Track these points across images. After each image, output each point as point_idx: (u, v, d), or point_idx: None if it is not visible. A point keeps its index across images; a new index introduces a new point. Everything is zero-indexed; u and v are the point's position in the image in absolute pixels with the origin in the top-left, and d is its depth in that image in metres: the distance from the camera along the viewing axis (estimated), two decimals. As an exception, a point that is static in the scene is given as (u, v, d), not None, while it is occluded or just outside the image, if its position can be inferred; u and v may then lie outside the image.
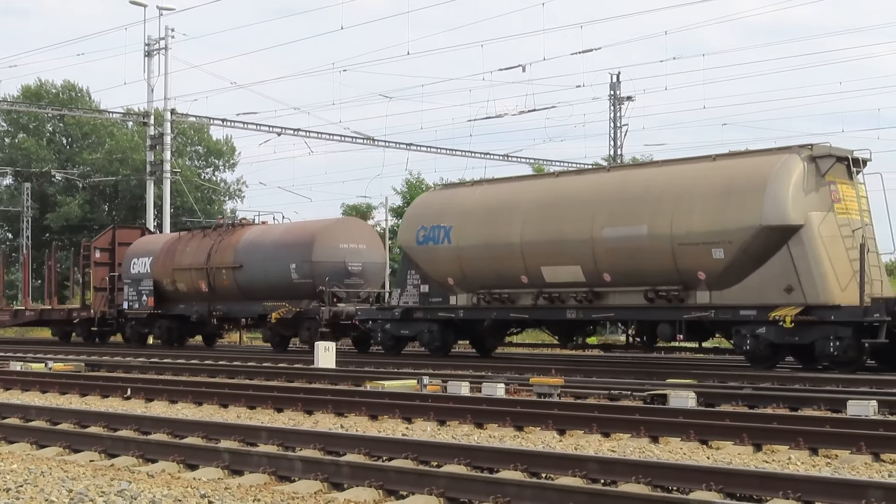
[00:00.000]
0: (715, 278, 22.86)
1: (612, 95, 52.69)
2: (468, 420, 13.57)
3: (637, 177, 25.45)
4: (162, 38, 48.67)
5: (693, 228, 23.00)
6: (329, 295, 31.03)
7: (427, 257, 28.23)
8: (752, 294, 22.43)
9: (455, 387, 17.22)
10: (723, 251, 22.52)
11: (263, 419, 14.72)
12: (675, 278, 23.47)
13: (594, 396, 16.55)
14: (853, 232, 22.05)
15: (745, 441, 11.33)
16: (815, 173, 22.21)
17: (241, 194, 79.28)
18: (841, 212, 22.26)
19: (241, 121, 49.74)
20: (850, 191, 22.58)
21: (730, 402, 15.70)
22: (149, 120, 50.03)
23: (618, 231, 24.27)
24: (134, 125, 70.87)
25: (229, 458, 10.16)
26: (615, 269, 24.42)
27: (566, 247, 25.16)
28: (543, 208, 25.98)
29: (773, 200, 21.94)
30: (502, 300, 26.81)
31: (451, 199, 28.69)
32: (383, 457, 10.38)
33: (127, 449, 11.03)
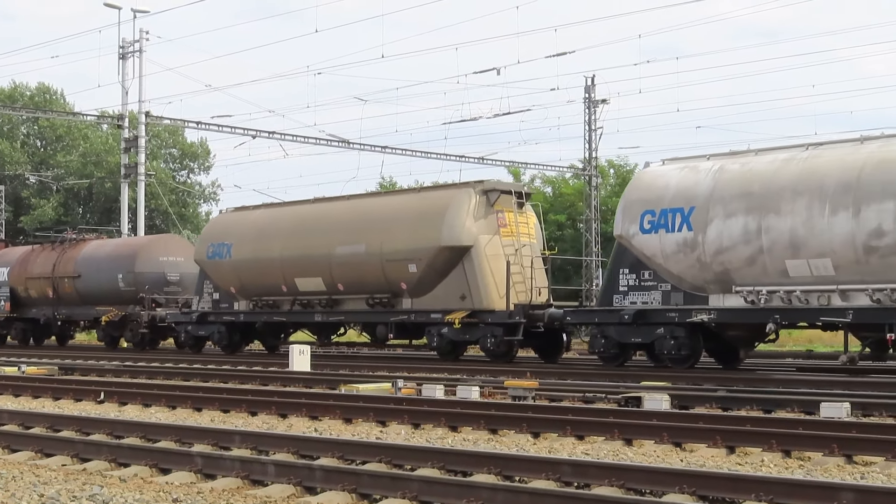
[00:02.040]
0: (413, 288, 27.76)
1: (587, 98, 52.82)
2: (442, 423, 13.56)
3: (362, 204, 30.39)
4: (136, 41, 48.49)
5: (396, 247, 27.78)
6: (148, 301, 35.82)
7: (215, 270, 32.79)
8: (439, 301, 27.33)
9: (430, 390, 17.21)
10: (416, 266, 27.39)
11: (237, 423, 14.68)
12: (385, 288, 28.38)
13: (569, 399, 16.57)
14: (516, 251, 26.80)
15: (718, 443, 11.36)
16: (486, 203, 27.12)
17: (215, 197, 79.18)
18: (506, 234, 27.05)
19: (215, 123, 49.60)
20: (519, 217, 27.49)
21: (704, 405, 15.74)
22: (123, 122, 49.84)
23: (346, 249, 28.99)
24: (108, 128, 70.64)
25: (202, 461, 10.12)
26: (346, 280, 29.18)
27: (312, 262, 29.82)
28: (297, 230, 30.71)
29: (450, 226, 26.85)
30: (270, 306, 31.70)
31: (234, 221, 33.57)
32: (357, 460, 10.36)
33: (99, 453, 10.97)
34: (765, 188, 21.79)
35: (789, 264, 21.37)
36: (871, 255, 20.30)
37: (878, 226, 20.18)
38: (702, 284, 22.82)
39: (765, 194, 21.73)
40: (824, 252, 20.86)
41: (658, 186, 23.64)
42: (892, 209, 20.05)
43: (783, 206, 21.41)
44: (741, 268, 22.06)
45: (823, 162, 21.44)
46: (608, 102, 52.92)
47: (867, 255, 20.34)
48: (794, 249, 21.28)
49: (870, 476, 9.79)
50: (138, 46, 48.43)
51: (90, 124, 71.85)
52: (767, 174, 21.99)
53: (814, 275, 21.12)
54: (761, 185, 21.88)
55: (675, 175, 23.58)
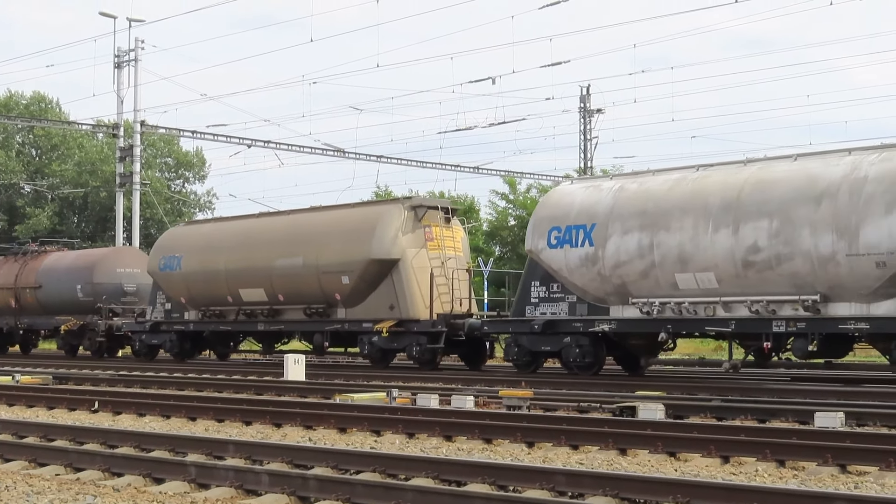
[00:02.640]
0: (346, 298, 29.22)
1: (582, 108, 52.94)
2: (437, 433, 13.55)
3: (300, 219, 31.92)
4: (132, 50, 48.55)
5: (330, 260, 29.20)
6: (105, 311, 37.42)
7: (167, 281, 34.30)
8: (370, 311, 28.84)
9: (425, 399, 17.20)
10: (348, 278, 28.87)
11: (232, 432, 14.66)
12: (321, 298, 29.79)
13: (563, 409, 16.55)
14: (442, 263, 28.34)
15: (712, 453, 11.35)
16: (414, 219, 28.70)
17: (211, 206, 79.05)
18: (433, 248, 28.54)
19: (211, 132, 49.65)
20: (445, 231, 29.07)
21: (698, 414, 15.74)
22: (118, 132, 49.86)
23: (285, 261, 30.45)
24: (104, 137, 70.56)
25: (196, 471, 10.11)
26: (286, 291, 30.65)
27: (254, 273, 31.36)
28: (241, 243, 32.25)
29: (380, 240, 28.42)
30: (217, 315, 33.12)
31: (184, 235, 35.60)
32: (351, 470, 10.35)
33: (93, 463, 10.96)
34: (658, 207, 23.25)
35: (678, 277, 22.77)
36: (749, 270, 21.69)
37: (754, 242, 21.57)
38: (603, 296, 24.22)
39: (657, 212, 23.17)
40: (708, 266, 22.28)
41: (565, 204, 25.19)
42: (766, 227, 21.42)
43: (673, 224, 22.83)
44: (636, 281, 23.44)
45: (709, 182, 22.91)
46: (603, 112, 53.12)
47: (745, 270, 21.73)
48: (682, 264, 22.66)
49: (863, 486, 9.79)
50: (134, 55, 48.48)
51: (85, 133, 71.83)
52: (660, 193, 23.47)
53: (700, 287, 22.52)
54: (655, 203, 23.33)
55: (580, 194, 25.15)
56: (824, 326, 20.95)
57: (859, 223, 20.33)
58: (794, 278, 21.19)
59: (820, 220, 20.80)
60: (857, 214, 20.38)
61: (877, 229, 20.12)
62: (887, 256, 19.93)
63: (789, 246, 21.15)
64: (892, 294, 20.15)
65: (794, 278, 21.18)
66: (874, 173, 20.54)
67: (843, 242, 20.48)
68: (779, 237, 21.28)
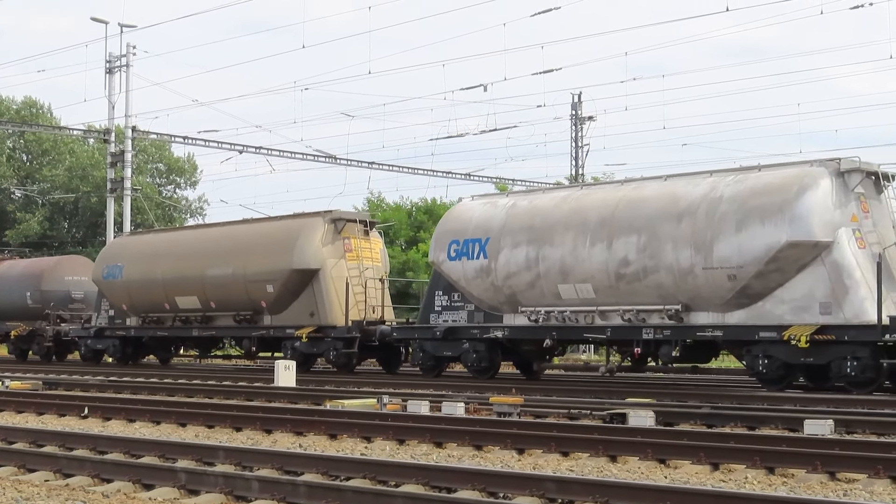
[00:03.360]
0: (271, 306, 31.20)
1: (574, 115, 52.98)
2: (427, 439, 13.55)
3: (230, 231, 34.07)
4: (123, 56, 48.48)
5: (256, 269, 31.15)
6: (53, 317, 39.24)
7: (110, 288, 36.16)
8: (293, 317, 30.67)
9: (415, 406, 17.20)
10: (273, 286, 30.74)
11: (222, 438, 14.64)
12: (249, 306, 31.80)
13: (554, 415, 16.57)
14: (360, 273, 30.29)
15: (702, 460, 11.37)
16: (334, 231, 30.61)
17: (202, 212, 78.94)
18: (351, 259, 30.47)
19: (202, 138, 49.59)
20: (363, 243, 30.96)
21: (688, 422, 15.76)
22: (110, 137, 49.77)
23: (216, 271, 32.37)
24: (95, 142, 70.44)
25: (185, 477, 10.09)
26: (217, 298, 32.57)
27: (189, 282, 33.19)
28: (177, 253, 34.20)
29: (301, 251, 30.31)
30: (155, 322, 34.93)
31: (126, 244, 37.62)
32: (341, 476, 10.34)
33: (82, 468, 10.94)
34: (544, 222, 25.22)
35: (561, 288, 24.68)
36: (621, 281, 23.62)
37: (625, 256, 23.52)
38: (496, 305, 26.17)
39: (543, 227, 25.12)
40: (586, 278, 24.21)
41: (464, 219, 27.24)
42: (635, 242, 23.36)
43: (556, 238, 24.76)
44: (525, 291, 25.36)
45: (589, 201, 24.96)
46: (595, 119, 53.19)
47: (618, 281, 23.67)
48: (563, 275, 24.57)
49: (852, 493, 9.82)
50: (125, 61, 48.42)
51: (76, 138, 71.69)
52: (547, 210, 25.50)
53: (580, 297, 24.43)
54: (541, 219, 25.33)
55: (478, 210, 27.17)
56: (686, 333, 22.91)
57: (714, 239, 22.22)
58: (659, 289, 23.06)
59: (681, 236, 22.67)
60: (712, 231, 22.25)
61: (728, 245, 22.00)
62: (737, 270, 21.85)
63: (655, 259, 23.02)
64: (743, 304, 22.08)
65: (660, 289, 23.05)
66: (728, 194, 22.40)
67: (700, 257, 22.40)
68: (646, 251, 23.15)
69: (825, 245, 21.23)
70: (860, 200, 21.84)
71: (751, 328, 21.97)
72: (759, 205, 21.86)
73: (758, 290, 21.93)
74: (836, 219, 21.43)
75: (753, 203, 21.96)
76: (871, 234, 21.71)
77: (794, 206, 21.38)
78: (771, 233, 21.53)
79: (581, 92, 53.07)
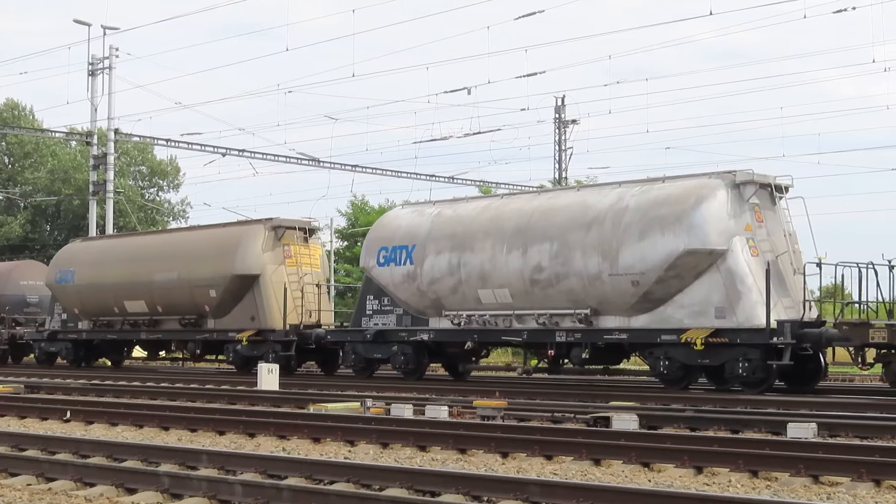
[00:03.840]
0: (214, 310, 32.25)
1: (557, 119, 53.01)
2: (411, 443, 13.53)
3: (175, 237, 35.74)
4: (106, 58, 48.33)
5: (200, 275, 32.21)
6: (8, 321, 40.25)
7: (62, 293, 37.35)
8: (235, 321, 31.88)
9: (399, 409, 17.18)
10: (216, 291, 31.85)
11: (205, 442, 14.60)
12: (193, 310, 32.88)
13: (537, 419, 16.57)
14: (299, 278, 31.12)
15: (686, 463, 11.38)
16: (274, 238, 31.75)
17: (185, 215, 78.73)
18: (291, 265, 31.53)
19: (185, 141, 49.44)
20: (303, 249, 32.05)
21: (672, 425, 15.78)
22: (92, 139, 49.59)
23: (163, 276, 33.50)
24: (77, 145, 70.23)
25: (169, 481, 10.06)
26: (163, 303, 33.67)
27: (137, 287, 34.32)
28: (126, 258, 35.34)
29: (242, 257, 31.55)
30: (105, 325, 36.10)
31: (78, 250, 38.32)
32: (325, 480, 10.32)
33: (65, 472, 10.88)
34: (466, 230, 26.50)
35: (481, 293, 25.94)
36: (535, 287, 24.85)
37: (538, 262, 24.73)
38: (422, 309, 27.35)
39: (465, 235, 26.40)
40: (504, 283, 25.46)
41: (392, 227, 28.54)
42: (548, 249, 24.56)
43: (476, 245, 26.00)
44: (448, 296, 26.60)
45: (507, 210, 26.23)
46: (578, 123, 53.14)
47: (532, 287, 24.89)
48: (483, 281, 25.83)
49: (836, 496, 9.83)
50: (108, 63, 48.28)
51: (59, 141, 71.42)
52: (469, 219, 26.80)
53: (498, 302, 25.66)
54: (464, 227, 26.60)
55: (406, 218, 28.50)
56: (595, 337, 24.10)
57: (619, 247, 23.42)
58: (570, 294, 24.30)
59: (589, 244, 23.91)
60: (617, 239, 23.47)
61: (632, 253, 23.20)
62: (640, 276, 23.07)
63: (566, 266, 24.26)
64: (646, 309, 23.31)
65: (571, 294, 24.30)
66: (633, 204, 23.63)
67: (606, 263, 23.62)
68: (558, 258, 24.40)
69: (720, 253, 22.40)
70: (755, 210, 23.02)
71: (653, 331, 23.17)
72: (660, 214, 23.03)
73: (659, 296, 23.12)
74: (731, 228, 22.58)
75: (655, 213, 23.13)
76: (764, 242, 22.87)
77: (692, 216, 22.55)
78: (670, 241, 22.70)
79: (565, 95, 53.12)
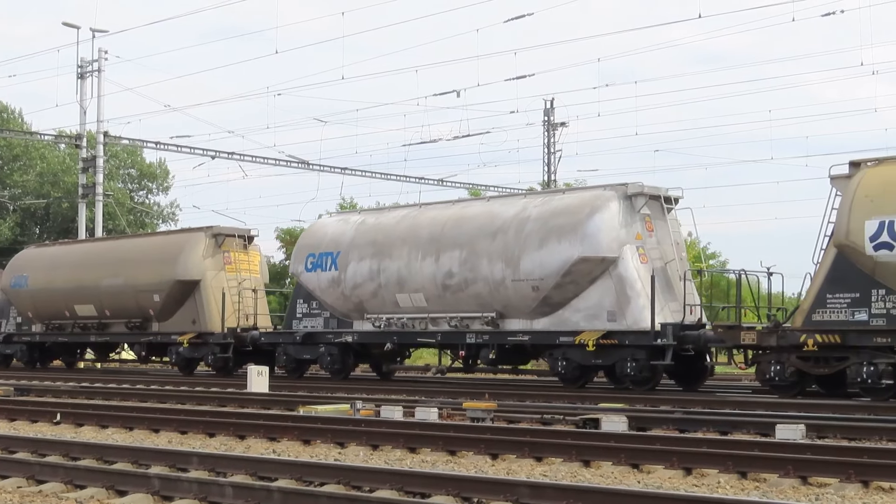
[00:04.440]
0: (158, 314, 33.75)
1: (546, 121, 53.04)
2: (401, 445, 13.56)
3: (122, 244, 37.58)
4: (95, 61, 48.22)
5: (145, 280, 33.74)
6: None
7: (17, 297, 38.65)
8: (178, 324, 33.34)
9: (389, 411, 17.20)
10: (159, 296, 33.31)
11: (195, 444, 14.61)
12: (138, 313, 34.37)
13: (527, 420, 16.60)
14: (238, 284, 32.67)
15: (675, 465, 11.42)
16: (214, 245, 33.22)
17: (174, 217, 78.60)
18: (230, 270, 33.22)
19: (174, 144, 49.39)
20: (242, 255, 33.67)
21: (661, 427, 15.82)
22: (81, 142, 49.51)
23: (110, 281, 34.79)
24: (66, 147, 70.09)
25: (159, 483, 10.08)
26: (111, 307, 34.97)
27: (86, 291, 35.67)
28: (76, 264, 36.68)
29: (184, 263, 32.94)
30: (57, 328, 37.36)
31: (32, 256, 39.95)
32: (315, 482, 10.34)
33: (55, 475, 10.89)
34: (385, 238, 28.09)
35: (398, 297, 27.50)
36: (447, 291, 26.46)
37: (449, 268, 26.36)
38: (347, 312, 28.93)
39: (385, 242, 28.00)
40: (419, 288, 27.05)
41: (319, 235, 30.17)
42: (458, 256, 26.16)
43: (395, 252, 27.60)
44: (369, 299, 28.20)
45: (424, 218, 27.81)
46: (567, 125, 53.14)
47: (444, 291, 26.50)
48: (400, 285, 27.40)
49: (824, 497, 9.88)
50: (97, 66, 48.16)
51: (48, 144, 71.28)
52: (388, 227, 28.41)
53: (414, 305, 27.24)
54: (384, 235, 28.20)
55: (332, 226, 30.20)
56: (501, 338, 25.67)
57: (521, 254, 24.95)
58: (478, 298, 25.89)
59: (494, 252, 25.47)
60: (519, 247, 25.01)
61: (532, 260, 24.71)
62: (539, 282, 24.61)
63: (474, 272, 25.88)
64: (546, 312, 24.83)
65: (478, 298, 25.88)
66: (535, 214, 25.21)
67: (510, 270, 25.15)
68: (466, 265, 26.01)
69: (612, 260, 23.90)
70: (645, 221, 24.49)
71: (552, 333, 24.72)
72: (558, 224, 24.58)
73: (557, 300, 24.63)
74: (622, 237, 24.05)
75: (554, 223, 24.70)
76: (654, 250, 24.33)
77: (586, 226, 24.05)
78: (566, 249, 24.20)
79: (554, 98, 53.12)
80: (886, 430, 14.55)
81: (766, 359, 21.65)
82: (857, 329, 20.42)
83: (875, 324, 20.25)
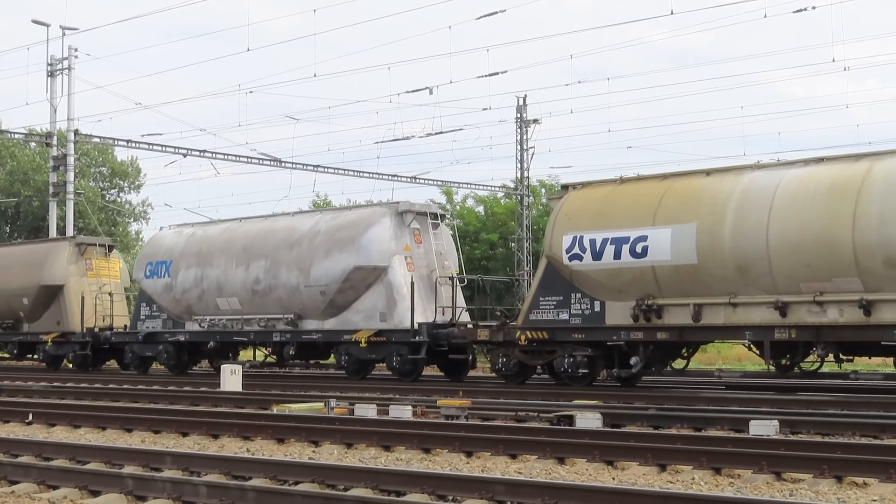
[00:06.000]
0: (28, 315, 37.61)
1: (519, 118, 53.02)
2: (375, 443, 13.54)
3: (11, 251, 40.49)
4: (65, 58, 47.93)
5: (15, 285, 37.35)
6: None
7: None
8: (46, 325, 37.21)
9: (363, 409, 17.17)
10: (28, 299, 37.19)
11: (168, 444, 14.55)
12: (10, 315, 38.07)
13: (501, 418, 16.60)
14: (99, 288, 36.34)
15: (649, 461, 11.44)
16: (77, 253, 37.18)
17: (146, 216, 78.26)
18: (92, 276, 36.94)
19: (146, 142, 49.04)
20: (103, 262, 37.47)
21: (635, 423, 15.85)
22: (52, 141, 49.22)
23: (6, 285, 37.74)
24: (36, 146, 69.69)
25: (132, 483, 10.03)
26: None
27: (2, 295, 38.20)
28: None
29: (49, 270, 36.86)
30: None
31: None
32: (289, 481, 10.31)
33: (28, 475, 10.82)
34: (209, 248, 32.00)
35: (218, 301, 31.27)
36: (255, 296, 30.31)
37: (257, 276, 30.26)
38: (179, 314, 32.77)
39: (208, 252, 31.87)
40: (234, 293, 30.88)
41: (157, 245, 34.30)
42: (263, 265, 30.04)
43: (215, 261, 31.42)
44: (196, 303, 31.99)
45: (240, 231, 31.76)
46: (540, 122, 53.03)
47: (254, 296, 30.36)
48: (219, 290, 31.21)
49: (798, 493, 9.91)
50: (67, 64, 47.87)
51: (17, 142, 70.87)
52: (212, 239, 32.31)
53: (231, 308, 31.08)
54: (207, 246, 32.12)
55: (169, 237, 34.14)
56: (299, 337, 29.54)
57: (311, 263, 28.76)
58: (280, 302, 29.72)
59: (292, 261, 29.28)
60: (310, 257, 28.84)
61: (320, 268, 28.55)
62: (326, 287, 28.46)
63: (276, 279, 29.68)
64: (333, 314, 28.74)
65: (280, 302, 29.71)
66: (324, 228, 29.06)
67: (303, 277, 28.96)
68: (270, 272, 29.85)
69: (383, 268, 27.92)
70: (414, 234, 28.48)
71: (338, 332, 28.59)
72: (341, 237, 28.42)
73: (341, 303, 28.49)
74: (392, 248, 28.02)
75: (338, 236, 28.53)
76: (421, 259, 28.33)
77: (361, 239, 28.01)
78: (345, 259, 28.09)
79: (526, 95, 53.06)
80: (859, 425, 14.62)
81: (496, 352, 25.45)
82: (560, 327, 24.00)
83: (573, 322, 23.84)
